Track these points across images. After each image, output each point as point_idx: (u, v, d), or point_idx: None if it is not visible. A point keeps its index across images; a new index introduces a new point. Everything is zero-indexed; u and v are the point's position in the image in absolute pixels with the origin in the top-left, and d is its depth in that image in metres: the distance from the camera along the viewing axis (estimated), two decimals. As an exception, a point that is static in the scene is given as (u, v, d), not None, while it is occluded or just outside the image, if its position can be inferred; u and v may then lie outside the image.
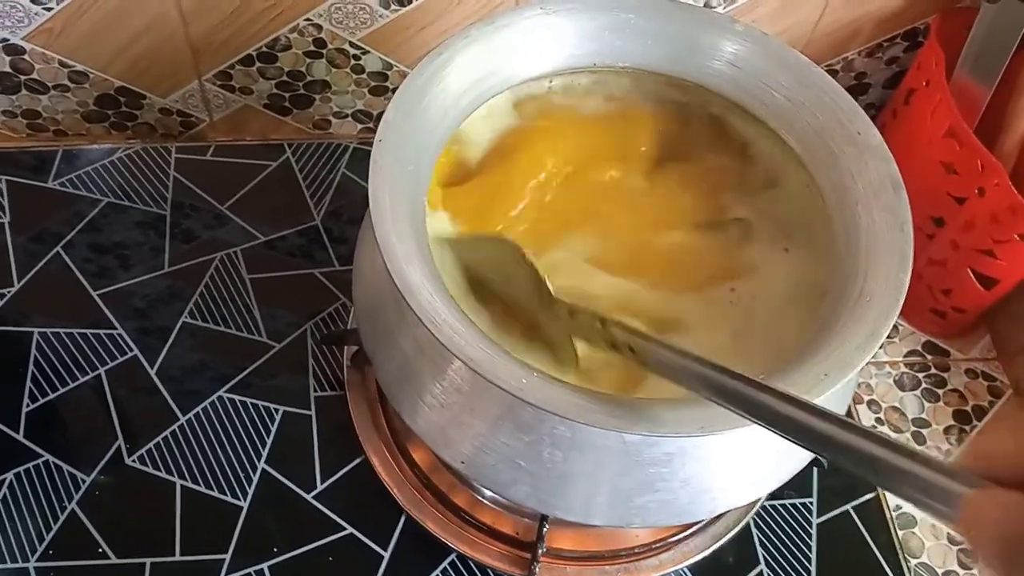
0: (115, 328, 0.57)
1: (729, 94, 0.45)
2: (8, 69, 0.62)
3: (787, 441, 0.29)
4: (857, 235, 0.39)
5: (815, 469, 0.54)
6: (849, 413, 0.59)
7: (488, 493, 0.51)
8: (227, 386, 0.56)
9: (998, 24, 0.57)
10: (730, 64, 0.44)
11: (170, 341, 0.57)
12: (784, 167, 0.45)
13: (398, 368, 0.42)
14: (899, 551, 0.54)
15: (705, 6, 0.61)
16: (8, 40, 0.60)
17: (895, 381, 0.63)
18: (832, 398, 0.36)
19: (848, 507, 0.55)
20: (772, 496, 0.54)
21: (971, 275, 0.59)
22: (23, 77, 0.63)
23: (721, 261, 0.44)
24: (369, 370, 0.54)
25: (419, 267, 0.37)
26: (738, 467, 0.40)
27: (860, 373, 0.53)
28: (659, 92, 0.47)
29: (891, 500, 0.57)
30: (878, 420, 0.61)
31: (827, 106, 0.42)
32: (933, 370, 0.64)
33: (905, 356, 0.64)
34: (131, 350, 0.56)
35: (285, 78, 0.65)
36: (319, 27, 0.61)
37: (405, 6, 0.60)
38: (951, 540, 0.57)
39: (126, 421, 0.54)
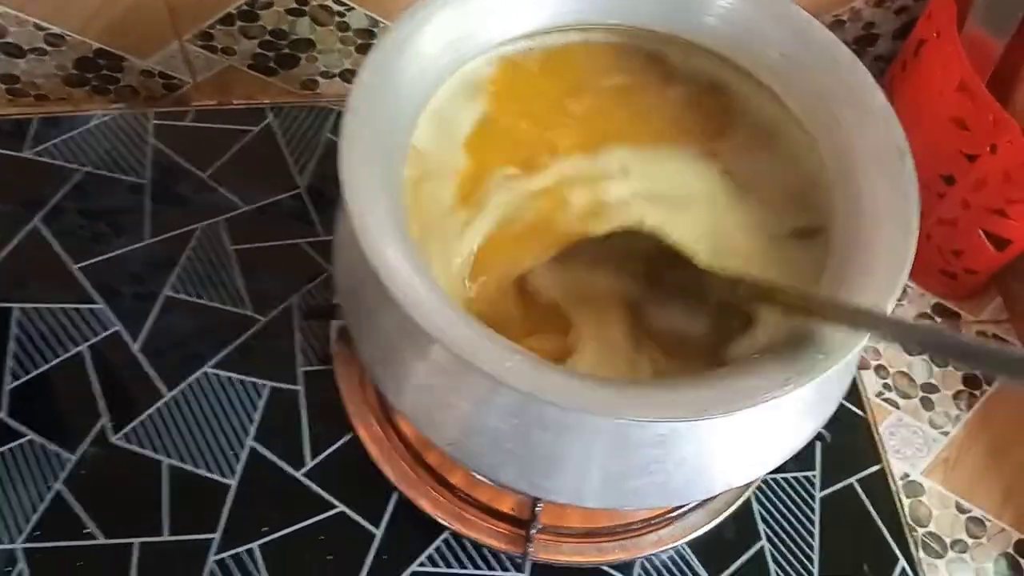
0: (96, 303, 0.56)
1: (724, 52, 0.42)
2: (-18, 33, 0.60)
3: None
4: (859, 204, 0.37)
5: (818, 442, 0.53)
6: (855, 381, 0.58)
7: (480, 471, 0.50)
8: (212, 361, 0.54)
9: (1014, -28, 0.54)
10: (724, 20, 0.42)
11: (153, 315, 0.56)
12: (782, 130, 0.42)
13: (381, 347, 0.41)
14: (904, 523, 0.53)
15: (704, -45, 0.58)
16: (-21, 3, 0.57)
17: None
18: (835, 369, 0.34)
19: (852, 480, 0.54)
20: (774, 470, 0.53)
21: (982, 235, 0.57)
22: (-2, 41, 0.61)
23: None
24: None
25: (397, 245, 0.35)
26: (736, 447, 0.39)
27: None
28: (649, 50, 0.44)
29: (896, 470, 0.55)
30: (885, 386, 0.59)
31: (828, 65, 0.40)
32: (942, 333, 0.62)
33: (914, 319, 0.63)
34: (113, 325, 0.55)
35: (268, 37, 0.63)
36: (301, -17, 0.59)
37: (390, -40, 0.58)
38: (959, 508, 0.55)
39: (110, 398, 0.53)
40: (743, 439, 0.39)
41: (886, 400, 0.59)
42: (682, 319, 0.41)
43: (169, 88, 0.66)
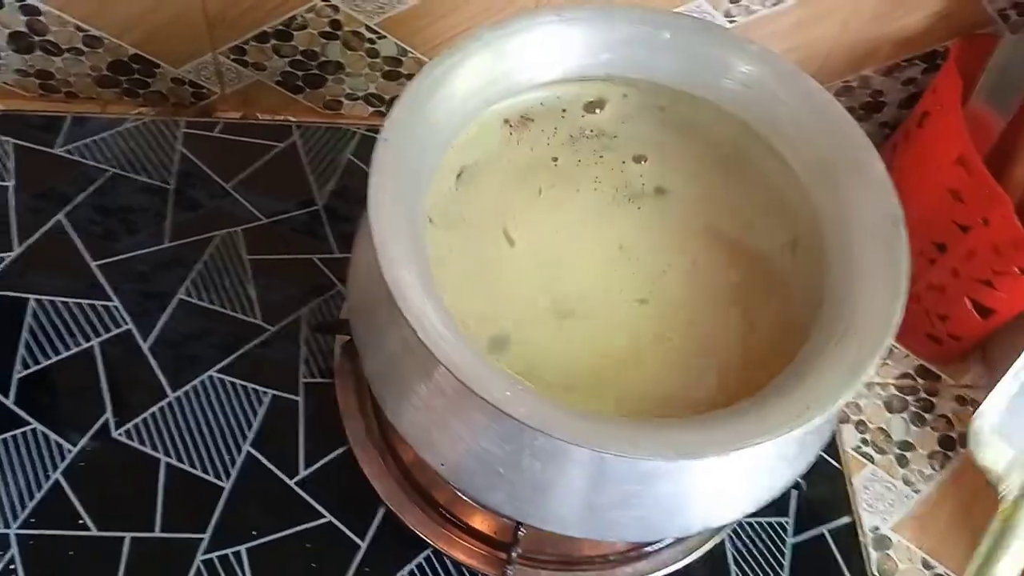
0: (111, 300, 0.57)
1: (739, 113, 0.45)
2: (24, 29, 0.62)
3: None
4: (851, 267, 0.39)
5: (794, 490, 0.54)
6: (834, 435, 0.59)
7: (468, 493, 0.52)
8: (218, 366, 0.56)
9: (1018, 55, 0.56)
10: (742, 84, 0.44)
11: (165, 316, 0.57)
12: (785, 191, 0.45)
13: (385, 365, 0.42)
14: (870, 574, 0.55)
15: (725, 15, 0.61)
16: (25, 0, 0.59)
17: (884, 402, 0.63)
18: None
19: (823, 529, 0.55)
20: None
21: (969, 304, 0.59)
22: (37, 38, 0.62)
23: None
24: (359, 360, 0.54)
25: (412, 269, 0.37)
26: (714, 490, 0.41)
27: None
28: (668, 106, 0.46)
29: (867, 523, 0.57)
30: (863, 440, 0.61)
31: (834, 134, 0.42)
32: (923, 394, 0.64)
33: (897, 378, 0.64)
34: (125, 323, 0.57)
35: (299, 57, 0.65)
36: (336, 8, 0.61)
37: (423, -6, 0.60)
38: (925, 565, 0.57)
39: (116, 394, 0.54)
40: (723, 483, 0.41)
41: (862, 454, 0.60)
42: None
43: (197, 97, 0.68)
